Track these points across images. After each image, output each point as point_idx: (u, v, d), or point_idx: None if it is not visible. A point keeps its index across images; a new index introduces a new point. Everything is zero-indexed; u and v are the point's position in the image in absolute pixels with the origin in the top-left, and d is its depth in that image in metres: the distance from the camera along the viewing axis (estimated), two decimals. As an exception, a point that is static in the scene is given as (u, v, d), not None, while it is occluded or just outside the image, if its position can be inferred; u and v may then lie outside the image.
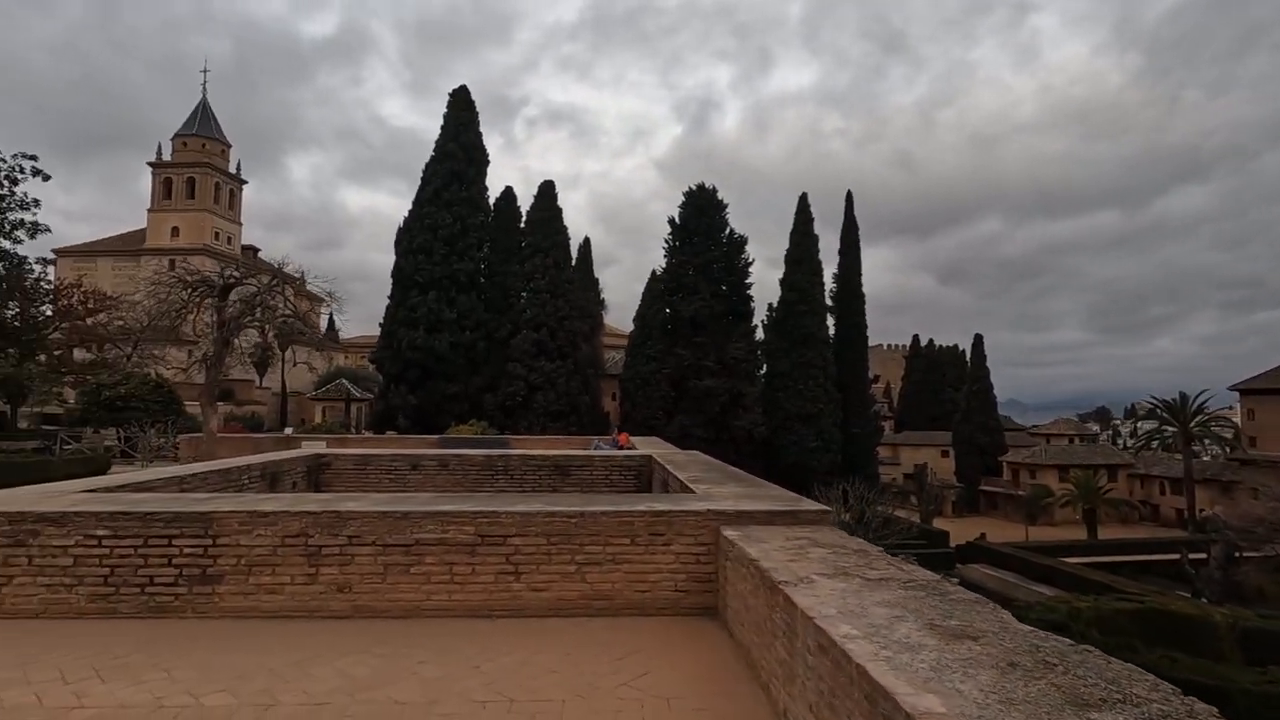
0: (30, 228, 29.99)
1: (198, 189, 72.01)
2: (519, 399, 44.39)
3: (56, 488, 6.19)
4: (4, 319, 28.80)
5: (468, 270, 45.94)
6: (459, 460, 11.43)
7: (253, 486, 9.25)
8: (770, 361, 50.80)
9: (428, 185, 46.67)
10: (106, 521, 5.12)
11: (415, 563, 5.18)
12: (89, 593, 5.09)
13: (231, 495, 5.72)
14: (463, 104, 47.50)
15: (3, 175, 29.14)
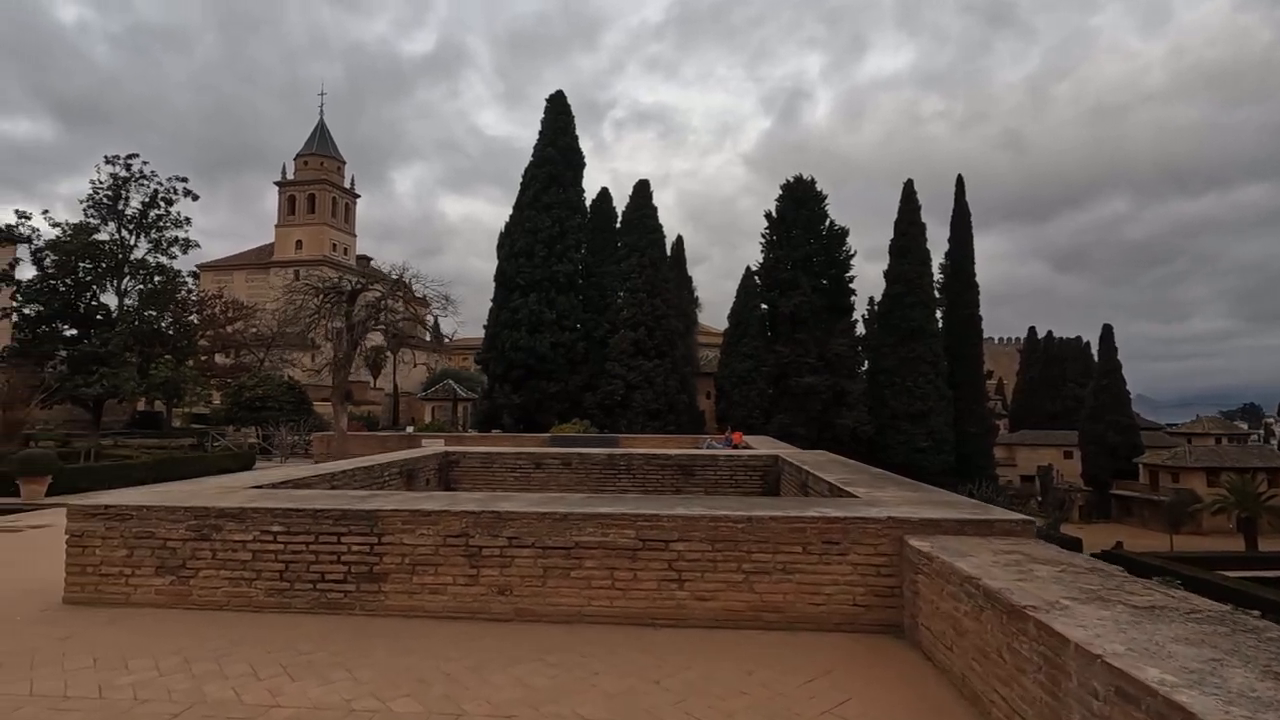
0: (183, 244, 33.24)
1: (317, 204, 77.23)
2: (618, 398, 44.64)
3: (231, 482, 6.50)
4: (162, 327, 32.02)
5: (567, 271, 46.68)
6: (581, 459, 11.37)
7: (393, 483, 9.51)
8: (874, 357, 48.73)
9: (527, 189, 47.77)
10: (280, 518, 5.25)
11: (575, 566, 5.00)
12: (266, 587, 5.23)
13: (390, 493, 5.79)
14: (559, 108, 48.33)
15: (160, 196, 32.42)
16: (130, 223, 32.01)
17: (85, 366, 27.20)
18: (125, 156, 32.22)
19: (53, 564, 6.87)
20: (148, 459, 16.04)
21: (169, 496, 5.75)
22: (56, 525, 10.05)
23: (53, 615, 5.16)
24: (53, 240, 29.90)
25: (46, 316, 30.54)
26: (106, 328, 29.59)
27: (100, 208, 31.62)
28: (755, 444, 16.37)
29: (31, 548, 8.18)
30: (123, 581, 5.34)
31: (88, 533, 5.39)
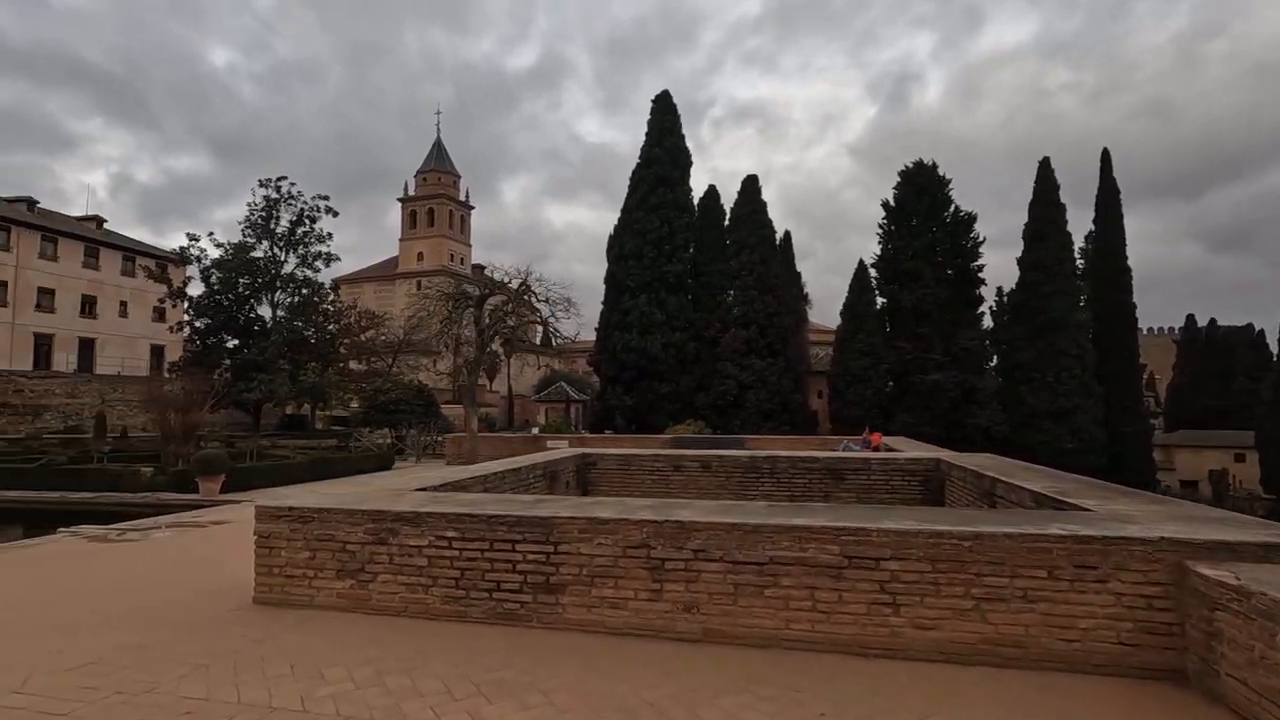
0: (325, 258, 36.04)
1: (436, 218, 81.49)
2: (730, 398, 43.83)
3: (397, 483, 6.52)
4: (308, 336, 34.80)
5: (676, 271, 46.40)
6: (720, 461, 10.87)
7: (537, 486, 9.40)
8: (1007, 351, 45.04)
9: (635, 191, 47.94)
10: (454, 523, 5.09)
11: (770, 584, 4.48)
12: (442, 594, 5.09)
13: (559, 499, 5.54)
14: (665, 109, 48.18)
15: (305, 214, 35.30)
16: (280, 240, 35.12)
17: (246, 373, 30.06)
18: (276, 179, 35.53)
19: (238, 562, 7.18)
20: (302, 458, 17.17)
21: (344, 499, 5.77)
22: (234, 521, 10.75)
23: (245, 615, 5.26)
24: (217, 259, 33.31)
25: (213, 329, 34.07)
26: (263, 338, 32.61)
27: (255, 227, 34.93)
28: (897, 446, 15.23)
29: (217, 544, 8.68)
30: (306, 584, 5.38)
31: (274, 534, 5.47)
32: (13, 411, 32.23)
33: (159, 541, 9.05)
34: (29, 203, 45.93)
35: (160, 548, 8.65)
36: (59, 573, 7.28)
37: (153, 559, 7.90)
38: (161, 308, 49.40)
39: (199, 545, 8.81)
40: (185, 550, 8.47)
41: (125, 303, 47.77)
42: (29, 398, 33.74)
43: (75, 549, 8.63)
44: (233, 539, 8.99)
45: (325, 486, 15.48)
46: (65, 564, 7.70)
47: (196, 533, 9.67)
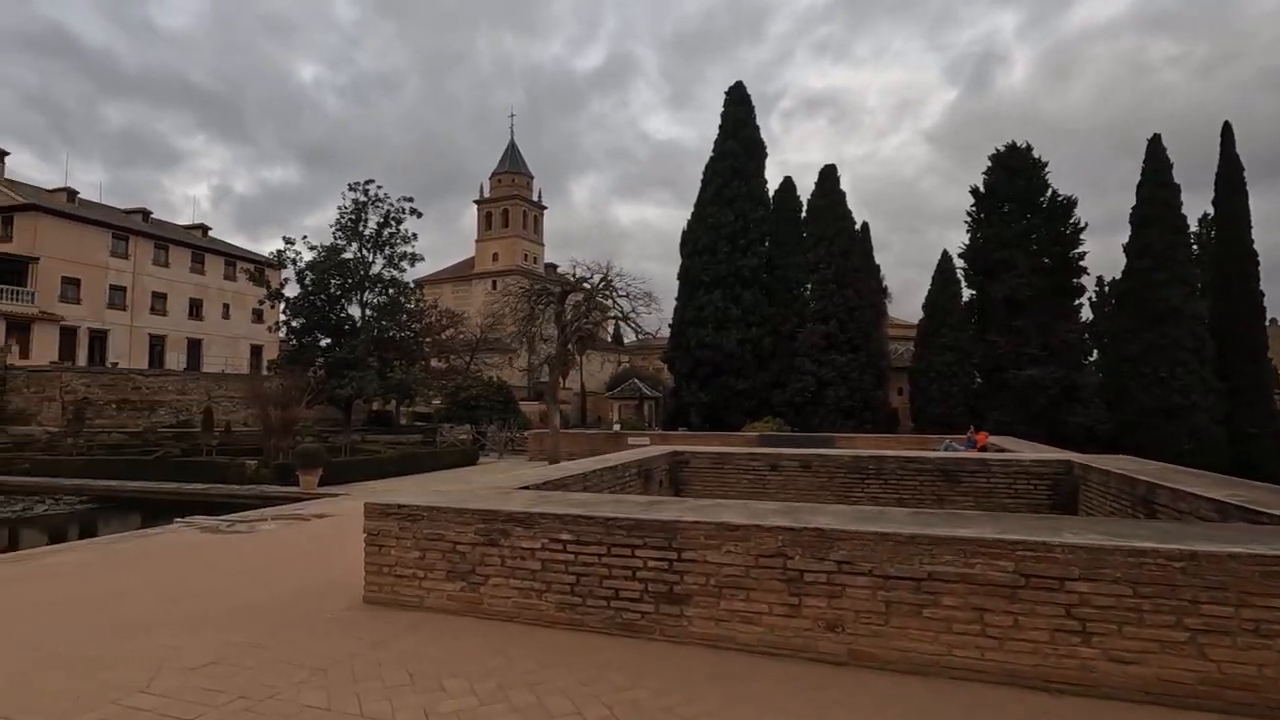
0: (410, 258, 37.17)
1: (510, 218, 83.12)
2: (809, 395, 42.57)
3: (502, 481, 6.30)
4: (395, 335, 36.00)
5: (751, 265, 45.45)
6: (822, 461, 10.25)
7: (634, 485, 9.08)
8: (1112, 344, 41.85)
9: (708, 185, 47.26)
10: (569, 525, 4.78)
11: (929, 603, 3.94)
12: (557, 600, 4.79)
13: (675, 500, 5.17)
14: (738, 100, 47.26)
15: (391, 216, 36.47)
16: (368, 241, 36.44)
17: (338, 371, 31.36)
18: (364, 183, 36.88)
19: (344, 557, 7.16)
20: (392, 453, 17.57)
21: (452, 497, 5.57)
22: (335, 515, 10.94)
23: (357, 616, 5.12)
24: (310, 261, 34.89)
25: (308, 328, 35.75)
26: (353, 336, 33.94)
27: (345, 230, 36.37)
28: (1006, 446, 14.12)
29: (322, 538, 8.77)
30: (416, 584, 5.21)
31: (383, 532, 5.32)
32: (132, 407, 34.75)
33: (266, 534, 9.25)
34: (144, 214, 49.54)
35: (269, 541, 8.81)
36: (177, 564, 7.46)
37: (263, 552, 8.02)
38: (260, 309, 52.31)
39: (304, 539, 8.93)
40: (292, 544, 8.58)
41: (228, 305, 50.88)
42: (145, 394, 36.31)
43: (190, 539, 8.91)
44: (335, 533, 9.09)
45: (412, 481, 15.73)
46: (182, 555, 7.91)
47: (300, 526, 9.85)
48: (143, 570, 7.10)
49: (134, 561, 7.55)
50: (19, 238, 39.97)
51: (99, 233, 42.86)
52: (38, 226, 39.99)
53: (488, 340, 59.26)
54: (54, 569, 7.23)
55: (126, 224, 45.66)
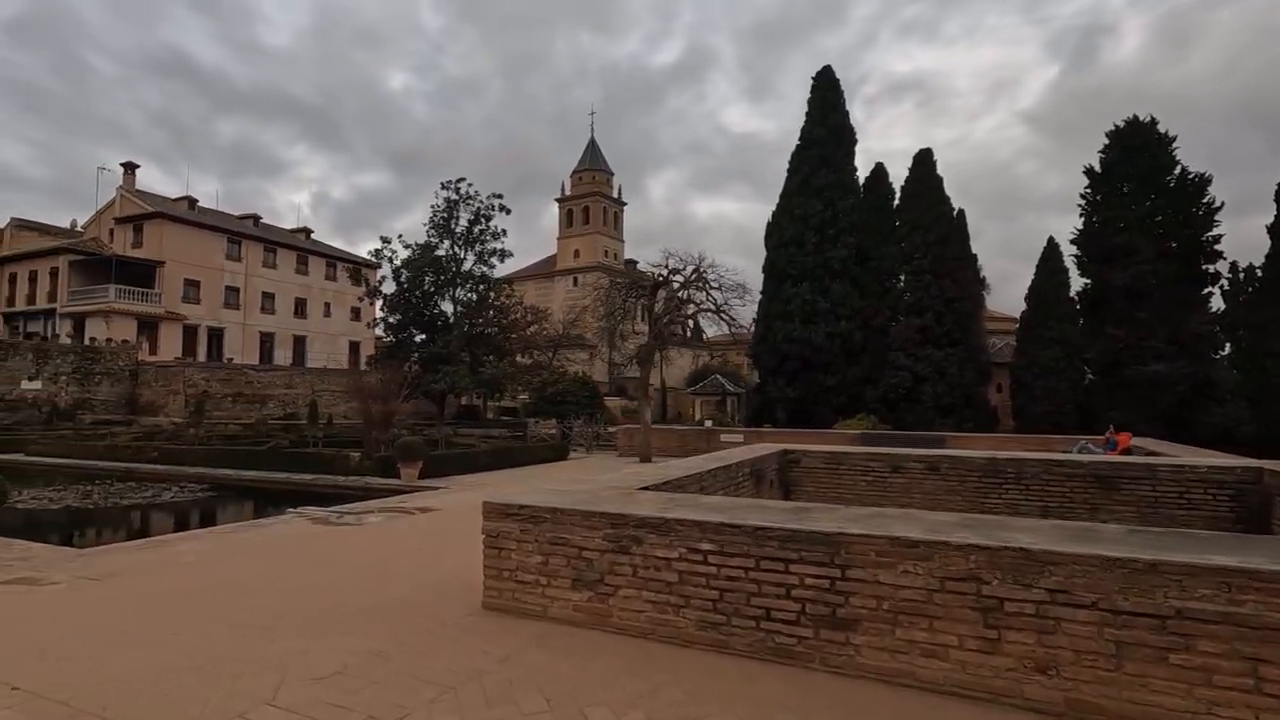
0: (500, 254, 37.93)
1: (591, 215, 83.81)
2: (903, 391, 40.56)
3: (621, 480, 5.86)
4: (486, 331, 36.80)
5: (840, 257, 43.72)
6: (951, 463, 9.31)
7: (746, 485, 8.49)
8: (1252, 337, 37.62)
9: (795, 174, 45.80)
10: (711, 534, 4.25)
11: (1176, 647, 3.18)
12: (697, 618, 4.28)
13: (829, 509, 4.57)
14: (827, 85, 45.51)
15: (481, 213, 37.26)
16: (460, 238, 37.37)
17: (432, 366, 32.33)
18: (455, 181, 37.86)
19: (454, 555, 6.94)
20: (486, 447, 17.69)
21: (575, 498, 5.16)
22: (439, 510, 10.88)
23: (479, 623, 4.79)
24: (406, 259, 36.13)
25: (403, 324, 37.09)
26: (446, 332, 34.93)
27: (438, 228, 37.47)
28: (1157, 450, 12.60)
29: (429, 533, 8.64)
30: (539, 591, 4.82)
31: (503, 534, 4.97)
32: (245, 400, 37.05)
33: (374, 527, 9.23)
34: (254, 219, 52.83)
35: (377, 534, 8.77)
36: (293, 556, 7.45)
37: (373, 547, 7.94)
38: (358, 307, 54.79)
39: (412, 534, 8.83)
40: (400, 539, 8.49)
41: (328, 304, 53.58)
42: (257, 388, 38.64)
43: (303, 530, 8.99)
44: (441, 528, 8.96)
45: (507, 476, 15.68)
46: (296, 548, 7.93)
47: (406, 519, 9.81)
48: (261, 562, 7.12)
49: (252, 552, 7.60)
50: (148, 244, 43.36)
51: (216, 237, 45.95)
52: (163, 233, 43.24)
53: (569, 336, 59.88)
54: (181, 557, 7.36)
55: (239, 229, 48.79)
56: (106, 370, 35.29)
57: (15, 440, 23.53)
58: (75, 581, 6.32)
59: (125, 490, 15.25)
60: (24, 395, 32.13)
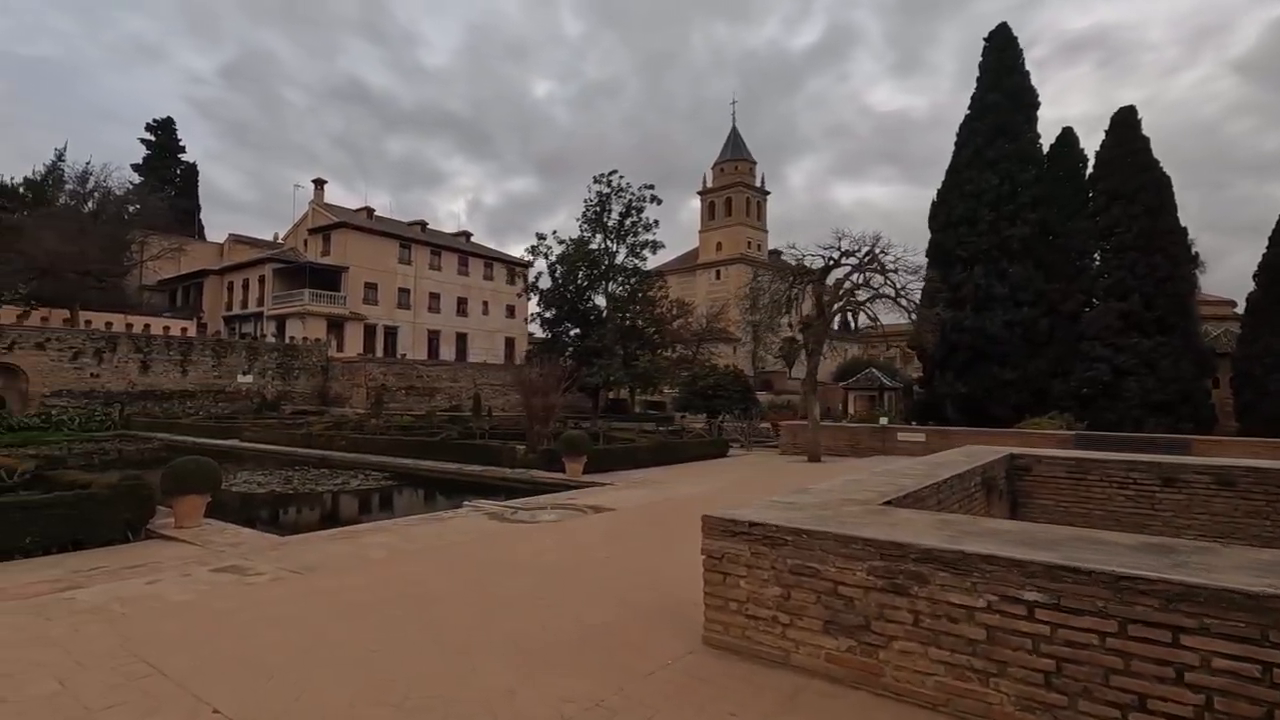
0: (652, 245, 37.71)
1: (733, 206, 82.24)
2: (1100, 385, 35.47)
3: (857, 491, 4.77)
4: (638, 325, 36.85)
5: (1020, 235, 39.08)
6: (1254, 476, 7.20)
7: (978, 498, 7.03)
8: None
9: (964, 148, 41.61)
10: (1041, 580, 3.07)
11: None
12: (1018, 693, 3.12)
13: (1234, 549, 3.24)
14: (1002, 45, 40.84)
15: (632, 206, 37.30)
16: (611, 232, 37.63)
17: (587, 359, 32.77)
18: (608, 174, 38.13)
19: (647, 564, 6.18)
20: (647, 442, 17.19)
21: (812, 515, 4.15)
22: (612, 509, 10.24)
23: (707, 667, 3.93)
24: (560, 254, 36.96)
25: (559, 318, 38.07)
26: (599, 326, 35.35)
27: (591, 222, 37.98)
28: None
29: (611, 536, 8.01)
30: (778, 632, 3.87)
31: (729, 555, 4.08)
32: (416, 393, 39.79)
33: (550, 526, 8.80)
34: (422, 225, 56.91)
35: (557, 535, 8.30)
36: (477, 558, 7.11)
37: (555, 549, 7.43)
38: (512, 305, 57.34)
39: (592, 536, 8.26)
40: (581, 542, 7.95)
41: (486, 302, 56.56)
42: (426, 381, 41.39)
43: (481, 527, 8.74)
44: (621, 530, 8.33)
45: (671, 473, 14.97)
46: (479, 549, 7.61)
47: (581, 521, 9.30)
48: (448, 563, 6.81)
49: (438, 551, 7.37)
50: (334, 251, 47.94)
51: (390, 243, 49.91)
52: (347, 241, 47.59)
53: (712, 330, 58.87)
54: (371, 551, 7.27)
55: (409, 234, 52.69)
56: (303, 366, 39.33)
57: (233, 427, 26.57)
58: (278, 574, 6.30)
59: (320, 477, 16.35)
60: (239, 388, 36.54)
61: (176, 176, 61.03)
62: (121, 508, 8.04)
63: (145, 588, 5.81)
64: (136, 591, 5.68)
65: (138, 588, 5.81)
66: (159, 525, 8.61)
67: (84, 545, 7.66)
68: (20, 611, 5.18)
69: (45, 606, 5.29)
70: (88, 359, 31.66)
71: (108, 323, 38.07)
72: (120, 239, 42.01)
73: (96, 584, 5.97)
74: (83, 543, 7.66)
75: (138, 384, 33.06)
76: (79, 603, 5.39)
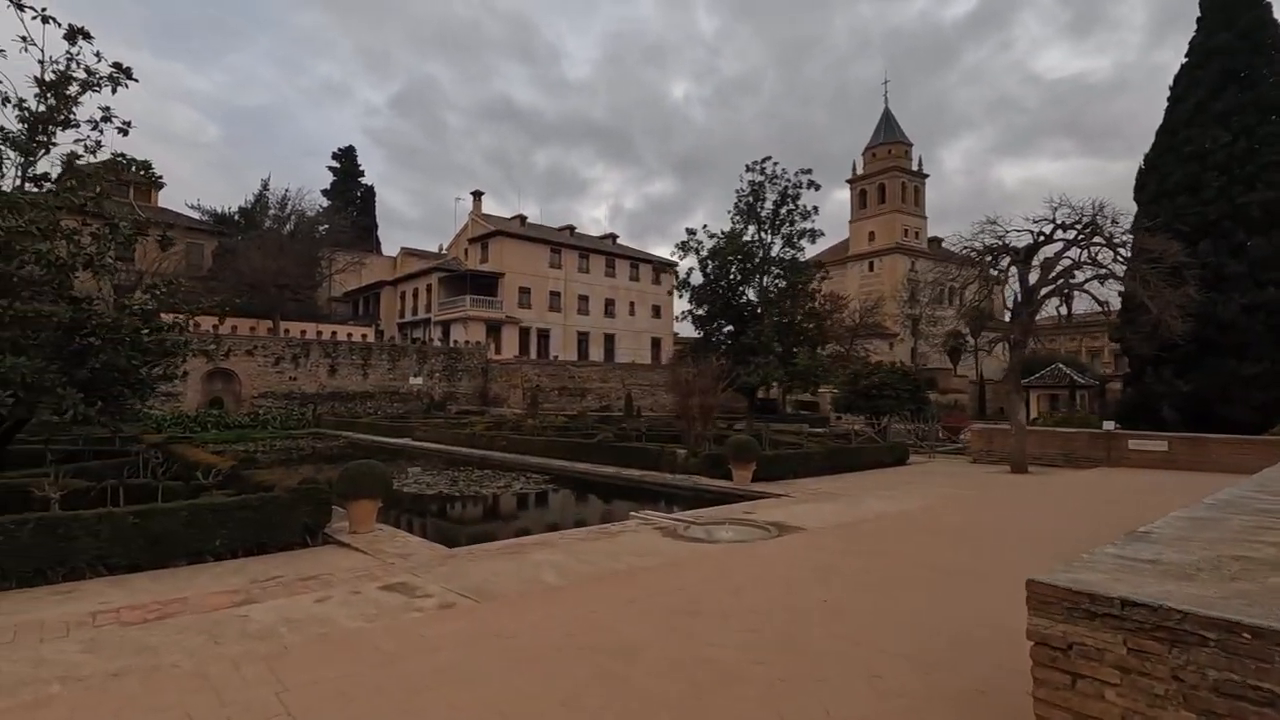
0: (810, 234, 35.43)
1: (887, 193, 76.86)
2: (1389, 383, 28.45)
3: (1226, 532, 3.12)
4: (796, 320, 34.83)
5: (1263, 200, 32.39)
6: None
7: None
8: None
9: (1181, 103, 35.33)
10: None
11: None
12: None
13: None
14: (1235, -26, 34.10)
15: (787, 193, 35.31)
16: (765, 222, 35.85)
17: (742, 358, 31.35)
18: (761, 161, 36.19)
19: (889, 619, 4.77)
20: (817, 448, 15.56)
21: (1218, 587, 2.62)
22: (796, 527, 8.57)
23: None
24: (712, 249, 35.84)
25: (710, 316, 36.98)
26: (755, 322, 33.75)
27: (743, 213, 36.46)
28: None
29: (819, 572, 6.65)
30: (1188, 782, 2.40)
31: (1082, 649, 2.66)
32: (568, 394, 40.55)
33: (738, 550, 7.64)
34: (570, 229, 58.37)
35: (749, 563, 7.13)
36: (669, 598, 6.09)
37: (757, 586, 6.24)
38: (659, 305, 57.15)
39: (794, 567, 6.98)
40: (784, 577, 6.69)
41: (632, 303, 56.85)
42: (577, 382, 42.08)
43: (657, 547, 7.79)
44: (828, 562, 6.94)
45: (849, 483, 13.25)
46: (660, 580, 6.62)
47: (773, 545, 8.03)
48: (630, 598, 5.87)
49: (615, 579, 6.48)
50: (491, 259, 50.29)
51: (541, 248, 51.55)
52: (502, 248, 49.73)
53: (866, 325, 55.00)
54: (541, 572, 6.53)
55: (558, 239, 54.16)
56: (465, 367, 41.43)
57: (405, 427, 28.19)
58: (446, 598, 5.68)
59: (482, 478, 16.42)
60: (411, 389, 39.12)
61: (357, 198, 67.30)
62: (300, 512, 7.98)
63: (314, 608, 5.39)
64: (305, 613, 5.25)
65: (307, 607, 5.40)
66: (335, 529, 8.53)
67: (266, 548, 7.64)
68: (196, 629, 4.88)
69: (219, 625, 4.97)
70: (286, 364, 35.25)
71: (302, 331, 42.35)
72: (312, 255, 46.72)
73: (270, 599, 5.66)
74: (265, 546, 7.65)
75: (326, 386, 36.34)
76: (251, 622, 5.03)
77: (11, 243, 7.73)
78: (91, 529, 6.72)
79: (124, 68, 9.11)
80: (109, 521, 6.81)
